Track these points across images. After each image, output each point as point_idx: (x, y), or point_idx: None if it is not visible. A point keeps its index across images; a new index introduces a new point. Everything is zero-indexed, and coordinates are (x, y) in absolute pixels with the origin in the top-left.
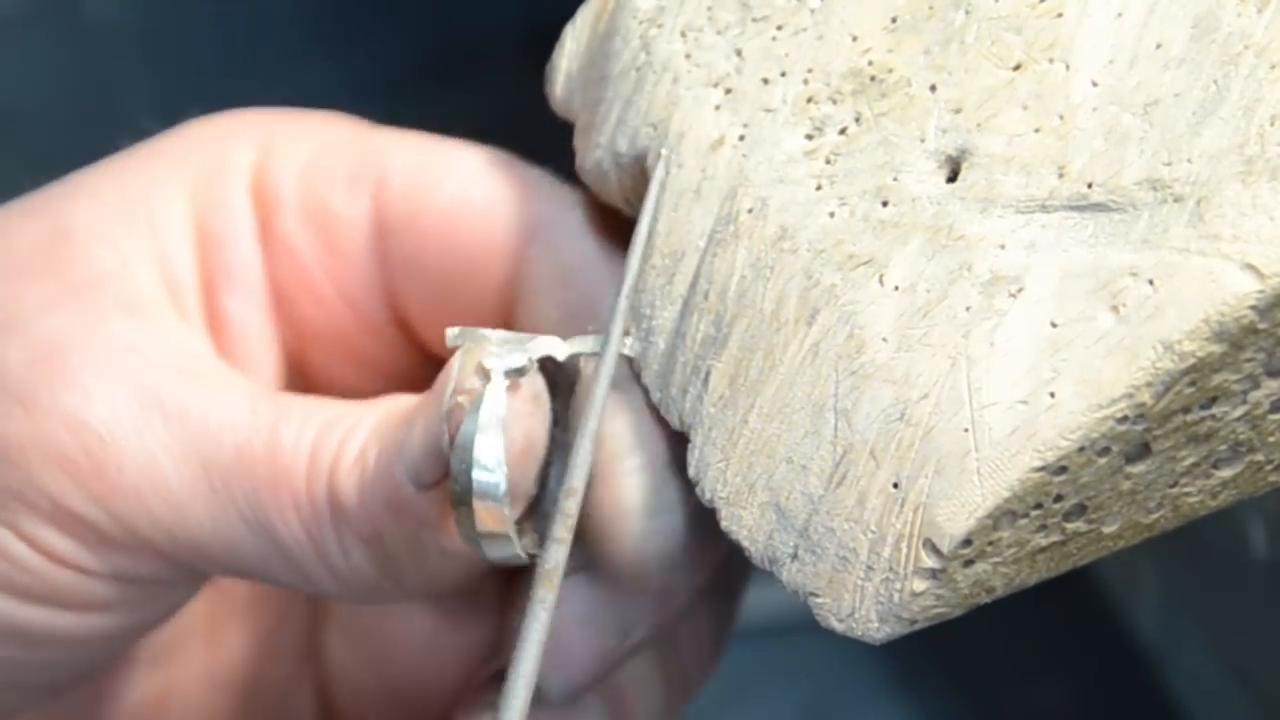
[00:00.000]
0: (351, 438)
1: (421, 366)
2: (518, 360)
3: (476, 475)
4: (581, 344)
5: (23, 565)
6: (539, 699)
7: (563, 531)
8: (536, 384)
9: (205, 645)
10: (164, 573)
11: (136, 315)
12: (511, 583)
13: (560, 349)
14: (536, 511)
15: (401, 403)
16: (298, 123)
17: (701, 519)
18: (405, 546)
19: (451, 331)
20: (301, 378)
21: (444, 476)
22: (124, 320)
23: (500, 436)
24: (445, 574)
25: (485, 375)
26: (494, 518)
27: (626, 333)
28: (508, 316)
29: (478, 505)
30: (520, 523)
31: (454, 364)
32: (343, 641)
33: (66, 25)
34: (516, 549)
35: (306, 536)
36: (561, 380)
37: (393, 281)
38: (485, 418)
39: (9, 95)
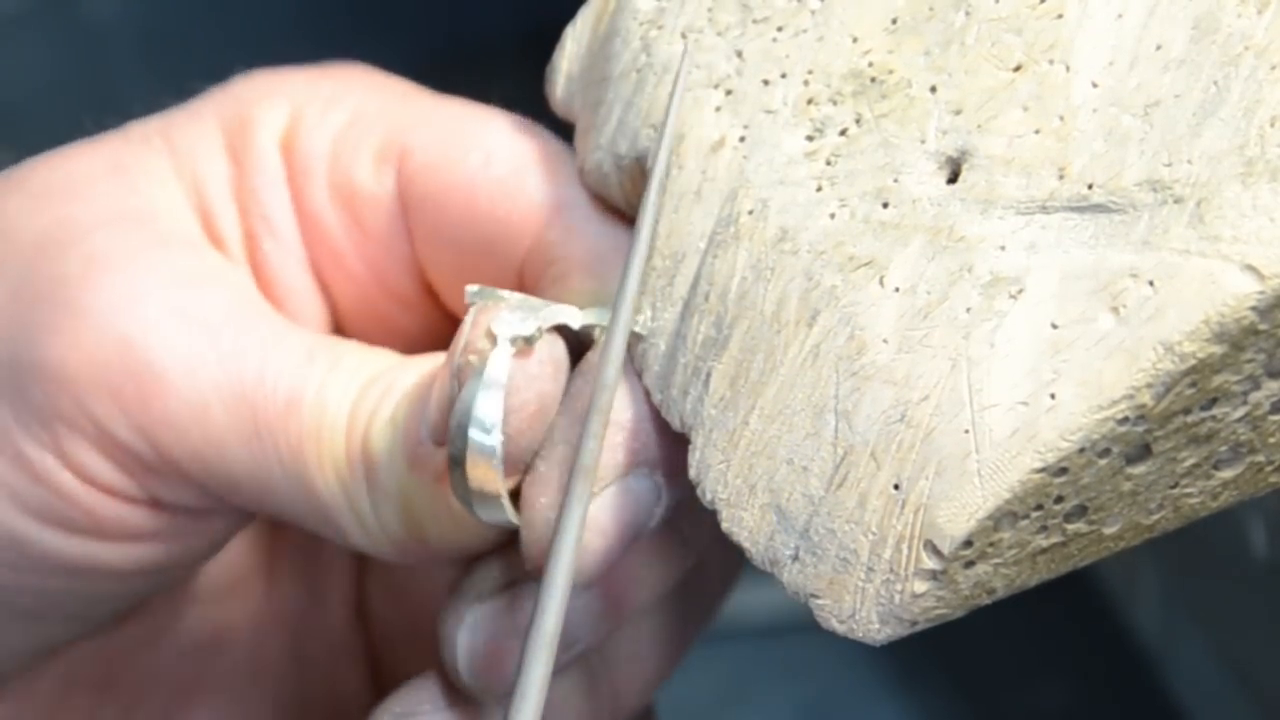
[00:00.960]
0: (387, 398)
1: (453, 333)
2: (526, 327)
3: (472, 434)
4: (598, 315)
5: (67, 494)
6: None
7: (574, 519)
8: (557, 349)
9: (259, 589)
10: (202, 503)
11: (190, 246)
12: None
13: (575, 318)
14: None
15: (434, 368)
16: (333, 86)
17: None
18: (429, 505)
19: (471, 289)
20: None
21: None
22: (183, 250)
23: (499, 399)
24: (469, 534)
25: (494, 339)
26: (486, 478)
27: (637, 310)
28: (530, 285)
29: (471, 464)
30: (514, 491)
31: (465, 323)
32: (384, 594)
33: (66, 25)
34: (508, 513)
35: (341, 490)
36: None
37: (419, 254)
38: (487, 379)
39: (9, 95)
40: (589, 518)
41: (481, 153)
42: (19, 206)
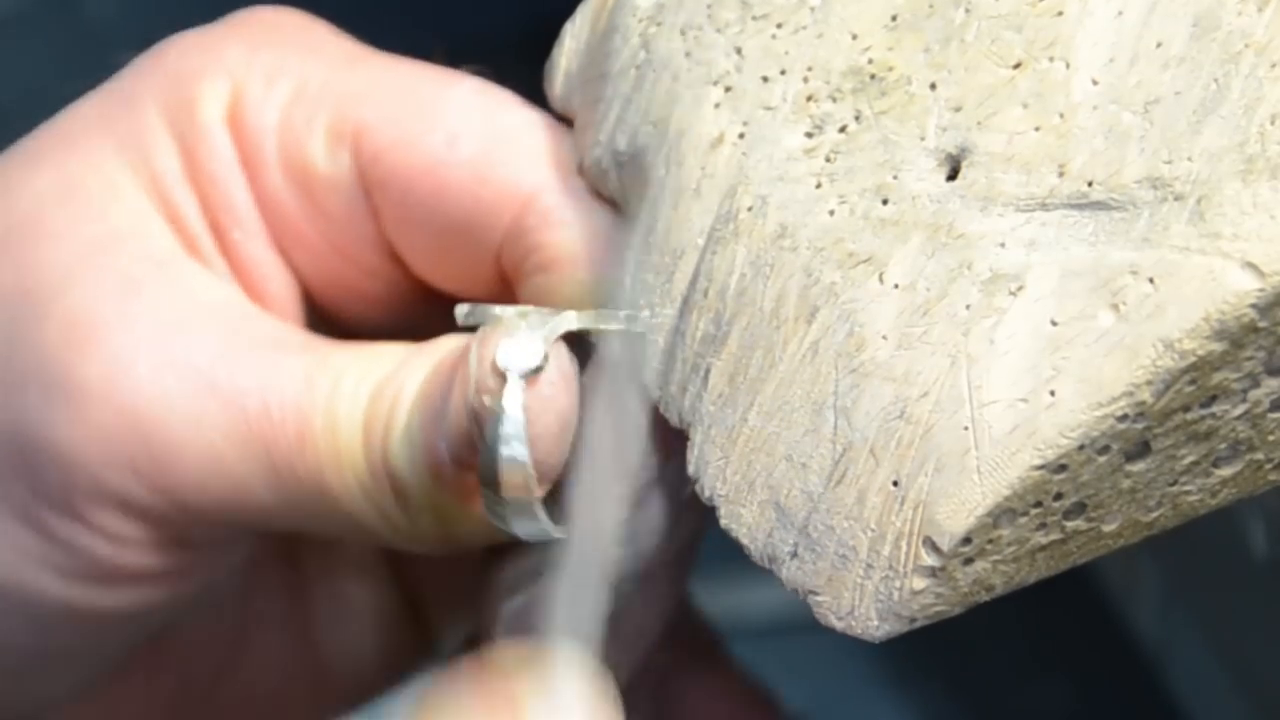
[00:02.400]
0: (397, 409)
1: (428, 296)
2: (533, 358)
3: (504, 469)
4: (595, 318)
5: (99, 557)
6: None
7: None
8: (564, 363)
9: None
10: (226, 538)
11: (165, 274)
12: None
13: (573, 322)
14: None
15: (438, 364)
16: (273, 54)
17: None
18: (460, 512)
19: (461, 310)
20: (314, 311)
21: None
22: (157, 285)
23: (522, 432)
24: (500, 534)
25: (502, 376)
26: (522, 500)
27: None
28: (510, 273)
29: (506, 492)
30: (548, 496)
31: (470, 359)
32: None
33: (66, 25)
34: (547, 528)
35: (369, 506)
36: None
37: (388, 234)
38: (506, 417)
39: (9, 95)
40: (640, 521)
41: (445, 131)
42: None
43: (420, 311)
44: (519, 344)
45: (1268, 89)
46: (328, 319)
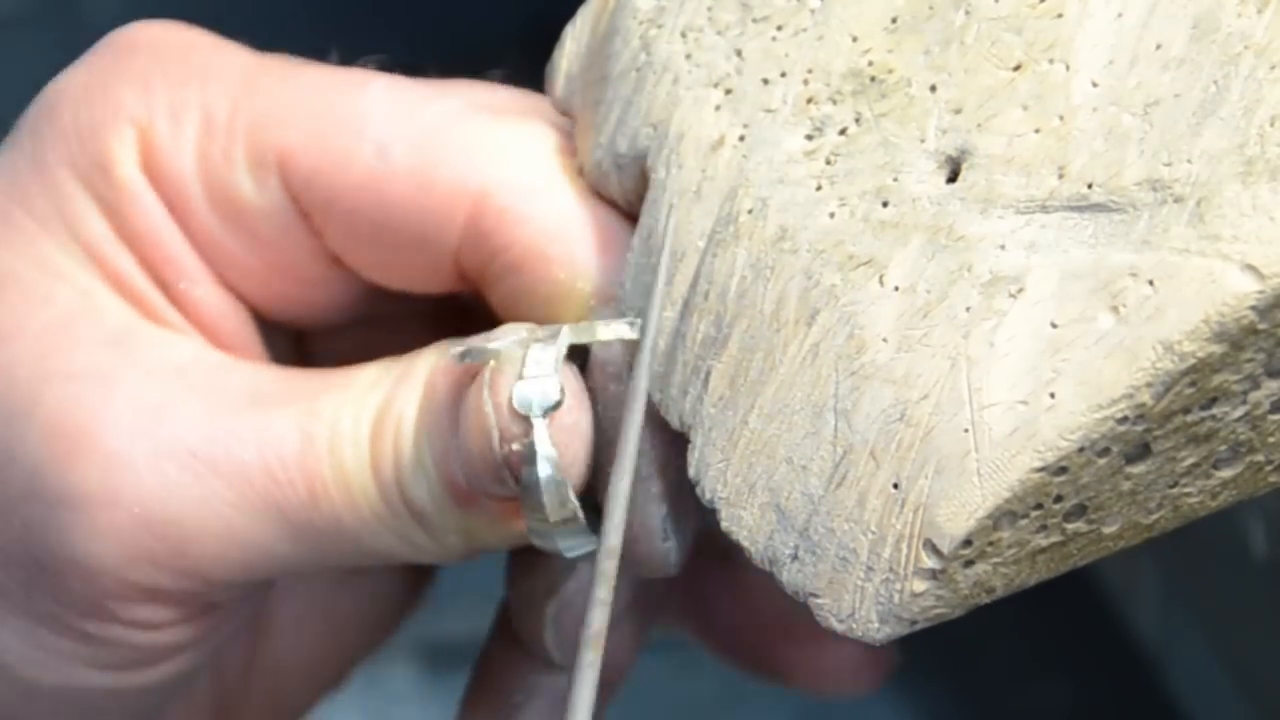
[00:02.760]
0: (402, 442)
1: (381, 291)
2: (553, 395)
3: (548, 502)
4: (589, 331)
5: (136, 645)
6: None
7: (604, 593)
8: (571, 383)
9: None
10: (252, 590)
11: (127, 354)
12: None
13: (567, 338)
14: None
15: (428, 386)
16: (168, 86)
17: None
18: (490, 528)
19: (455, 353)
20: (271, 332)
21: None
22: (123, 369)
23: (558, 470)
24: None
25: (523, 418)
26: (570, 527)
27: (630, 322)
28: (475, 278)
29: (556, 526)
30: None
31: (485, 406)
32: None
33: (66, 25)
34: (593, 541)
35: (395, 538)
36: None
37: (335, 251)
38: (542, 457)
39: (9, 95)
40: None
41: (371, 142)
42: None
43: (374, 302)
44: (534, 384)
45: (1267, 91)
46: (286, 334)
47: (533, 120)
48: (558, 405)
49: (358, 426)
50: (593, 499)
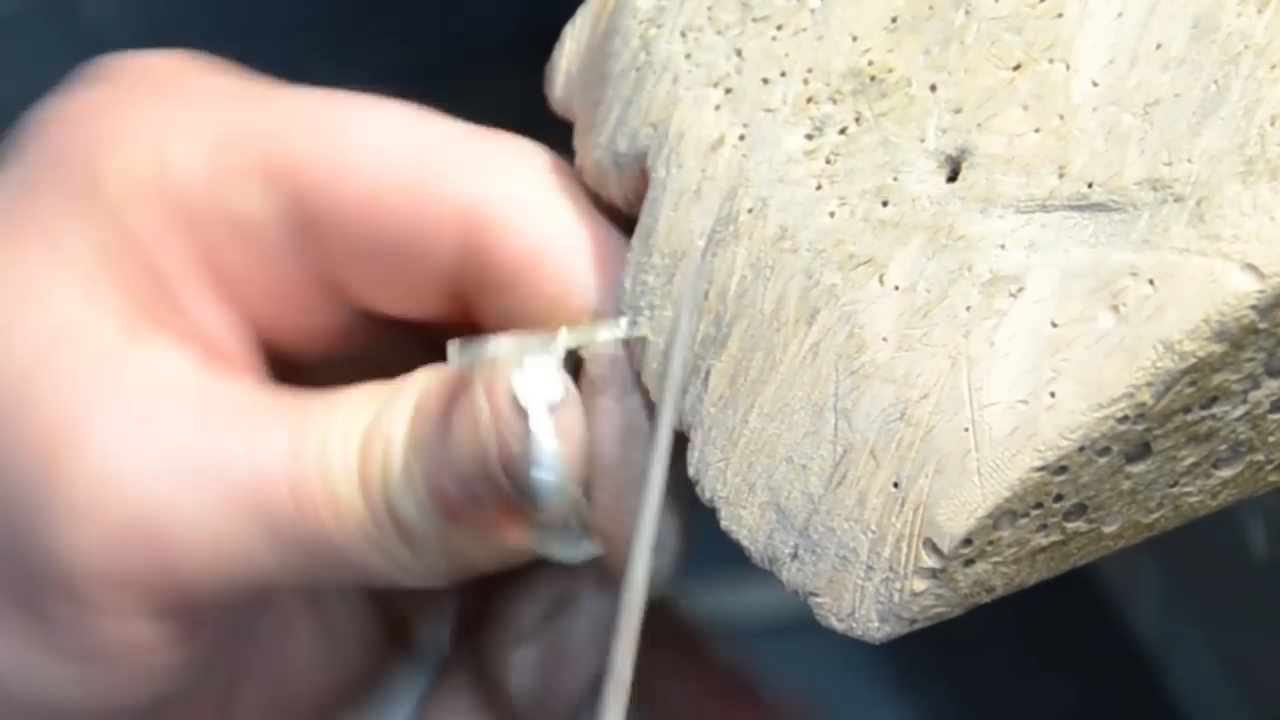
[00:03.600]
0: (390, 458)
1: (374, 325)
2: (557, 391)
3: (549, 503)
4: (583, 334)
5: (126, 662)
6: None
7: (629, 637)
8: (568, 386)
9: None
10: (235, 605)
11: (122, 362)
12: None
13: (564, 342)
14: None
15: (419, 403)
16: (180, 106)
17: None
18: (477, 545)
19: (453, 349)
20: (268, 355)
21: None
22: (117, 375)
23: (559, 469)
24: (515, 554)
25: (522, 412)
26: (569, 527)
27: (626, 317)
28: (472, 294)
29: (557, 529)
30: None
31: (480, 403)
32: None
33: (66, 25)
34: (591, 549)
35: (379, 553)
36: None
37: (329, 267)
38: (545, 462)
39: (9, 95)
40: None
41: (373, 158)
42: None
43: (371, 340)
44: (536, 379)
45: (1267, 90)
46: (282, 360)
47: (525, 140)
48: (558, 403)
49: (346, 441)
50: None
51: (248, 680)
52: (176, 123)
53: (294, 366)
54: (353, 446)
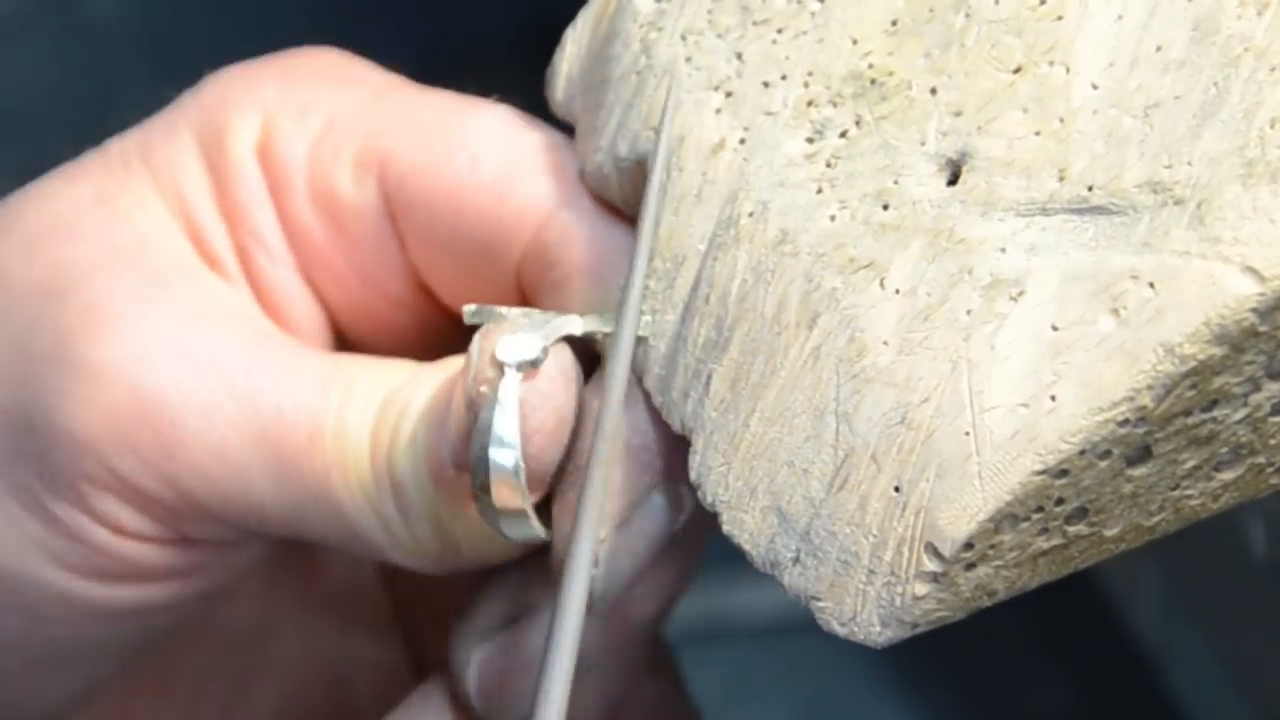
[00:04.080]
0: (405, 419)
1: (453, 327)
2: (531, 350)
3: (493, 461)
4: (599, 321)
5: (102, 547)
6: None
7: (566, 638)
8: (565, 361)
9: (303, 574)
10: (232, 536)
11: (189, 279)
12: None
13: (577, 326)
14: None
15: (447, 378)
16: (307, 88)
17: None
18: (460, 522)
19: (469, 309)
20: (339, 341)
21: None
22: (180, 285)
23: (515, 425)
24: (502, 546)
25: (500, 366)
26: (511, 500)
27: (642, 311)
28: (529, 290)
29: (495, 489)
30: (541, 504)
31: (472, 352)
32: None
33: (66, 25)
34: (536, 530)
35: (372, 513)
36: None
37: (412, 258)
38: (501, 406)
39: (9, 95)
40: (620, 542)
41: (467, 154)
42: (11, 252)
43: (445, 342)
44: (518, 337)
45: (1267, 93)
46: (352, 349)
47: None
48: (535, 364)
49: (371, 394)
50: (547, 509)
51: (254, 683)
52: (289, 103)
53: (353, 347)
54: (374, 402)
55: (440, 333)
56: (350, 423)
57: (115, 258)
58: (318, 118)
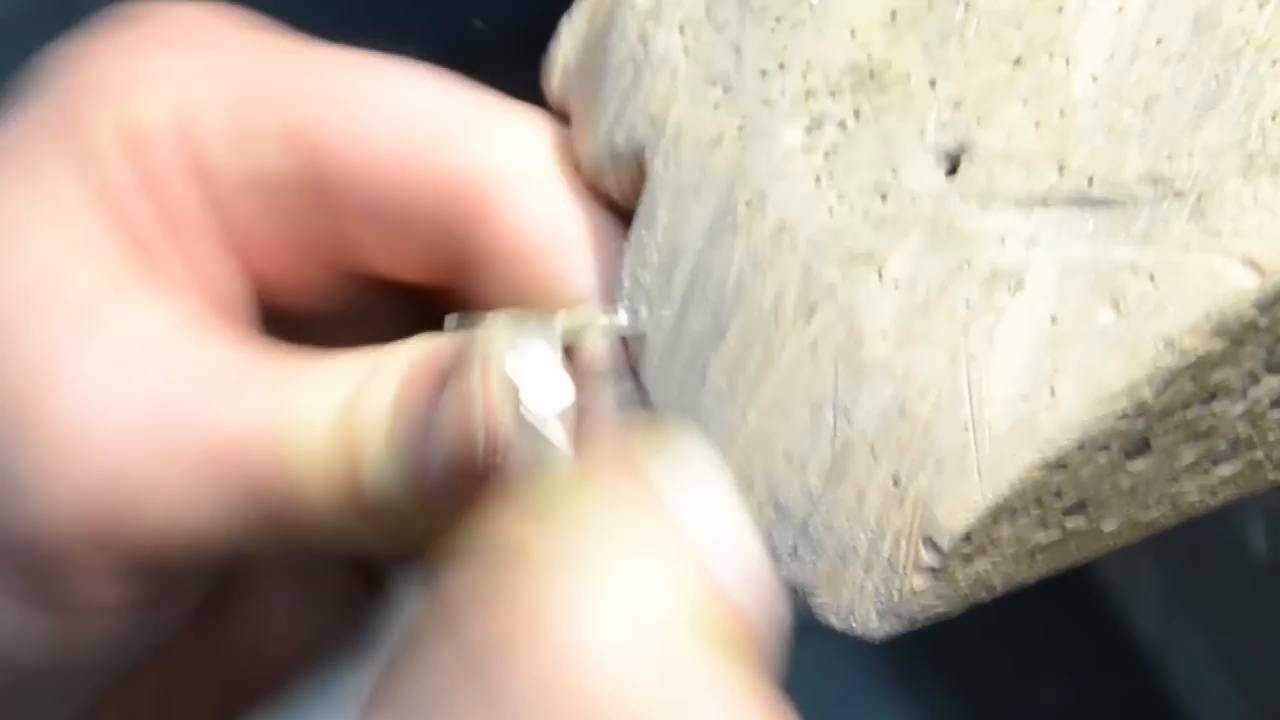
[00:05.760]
0: (376, 422)
1: (382, 286)
2: (565, 397)
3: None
4: (589, 317)
5: (87, 617)
6: None
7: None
8: (566, 374)
9: (299, 571)
10: (204, 569)
11: (95, 318)
12: None
13: (561, 324)
14: None
15: (410, 374)
16: (212, 55)
17: None
18: (454, 518)
19: (450, 322)
20: (268, 309)
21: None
22: (103, 325)
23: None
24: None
25: (514, 392)
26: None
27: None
28: (470, 255)
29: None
30: None
31: (474, 377)
32: None
33: (66, 25)
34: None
35: (357, 520)
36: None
37: (342, 226)
38: (550, 446)
39: (9, 93)
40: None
41: (397, 121)
42: None
43: (370, 302)
44: (543, 385)
45: (1268, 86)
46: (281, 316)
47: (540, 115)
48: (555, 387)
49: (330, 404)
50: None
51: (223, 644)
52: (198, 72)
53: (291, 323)
54: (335, 411)
55: (371, 292)
56: (317, 436)
57: (26, 306)
58: (233, 87)
